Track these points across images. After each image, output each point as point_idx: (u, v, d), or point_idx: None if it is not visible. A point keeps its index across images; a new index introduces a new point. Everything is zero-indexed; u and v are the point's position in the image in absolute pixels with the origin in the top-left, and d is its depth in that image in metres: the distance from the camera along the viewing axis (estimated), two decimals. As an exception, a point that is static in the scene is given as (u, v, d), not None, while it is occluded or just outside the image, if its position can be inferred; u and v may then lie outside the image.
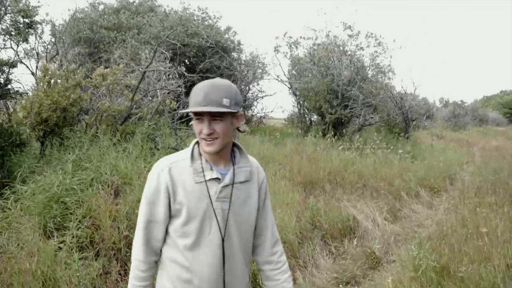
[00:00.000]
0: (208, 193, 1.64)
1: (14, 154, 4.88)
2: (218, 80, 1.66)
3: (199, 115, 1.61)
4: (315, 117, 16.72)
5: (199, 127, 1.62)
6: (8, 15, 4.51)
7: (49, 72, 6.16)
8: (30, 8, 4.41)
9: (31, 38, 8.64)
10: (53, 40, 8.74)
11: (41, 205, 4.10)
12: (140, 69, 8.11)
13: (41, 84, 6.17)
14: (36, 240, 3.62)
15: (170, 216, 1.69)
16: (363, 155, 10.28)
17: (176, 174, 1.66)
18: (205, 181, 1.65)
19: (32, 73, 7.16)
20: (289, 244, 4.76)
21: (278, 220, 5.04)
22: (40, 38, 8.15)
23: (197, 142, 1.71)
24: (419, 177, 8.90)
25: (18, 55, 5.57)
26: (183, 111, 1.71)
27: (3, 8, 4.30)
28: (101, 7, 15.91)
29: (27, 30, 4.37)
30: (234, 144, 1.77)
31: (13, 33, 4.41)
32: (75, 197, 4.30)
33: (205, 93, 1.58)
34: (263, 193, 1.86)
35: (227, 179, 1.68)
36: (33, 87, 6.32)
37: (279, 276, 1.87)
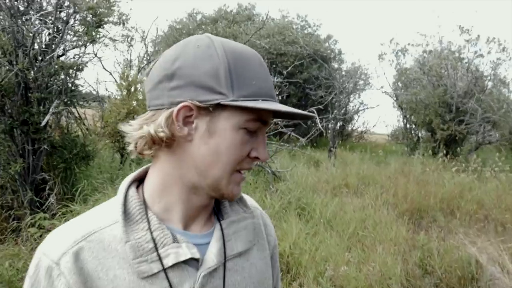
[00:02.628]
0: None
1: (79, 168, 4.39)
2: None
3: (262, 117, 0.74)
4: (424, 133, 15.41)
5: (248, 146, 0.74)
6: (78, 14, 4.10)
7: (129, 79, 5.76)
8: (101, 6, 3.95)
9: (122, 46, 8.45)
10: (144, 49, 8.60)
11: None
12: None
13: (121, 92, 5.79)
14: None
15: None
16: (482, 178, 8.85)
17: (95, 263, 0.69)
18: (164, 270, 0.70)
19: (115, 81, 6.91)
20: (391, 296, 3.74)
21: (379, 262, 4.05)
22: (131, 46, 7.95)
23: (135, 183, 0.79)
24: (560, 209, 7.26)
25: (96, 55, 5.18)
26: (270, 107, 0.70)
27: (72, 5, 3.88)
28: (199, 16, 15.92)
29: (95, 30, 3.91)
30: None
31: (80, 33, 3.99)
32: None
33: (269, 77, 0.76)
34: (276, 264, 0.94)
35: (212, 256, 0.75)
36: (113, 96, 6.00)
37: None
